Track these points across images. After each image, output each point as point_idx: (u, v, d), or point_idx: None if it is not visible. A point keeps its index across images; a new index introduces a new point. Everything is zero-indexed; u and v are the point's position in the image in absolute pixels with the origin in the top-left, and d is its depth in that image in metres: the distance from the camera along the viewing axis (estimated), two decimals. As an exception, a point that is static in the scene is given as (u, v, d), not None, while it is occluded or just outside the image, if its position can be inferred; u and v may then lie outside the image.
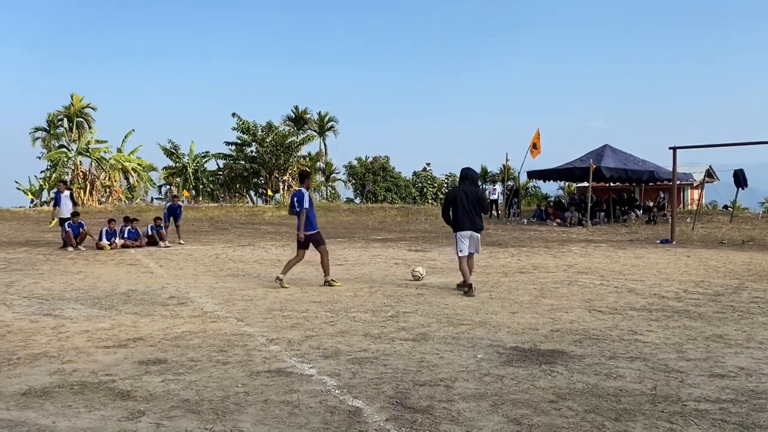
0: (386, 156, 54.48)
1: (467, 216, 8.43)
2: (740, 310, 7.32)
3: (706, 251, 14.52)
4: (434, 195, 51.92)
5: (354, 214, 31.18)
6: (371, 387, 4.49)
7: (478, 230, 8.56)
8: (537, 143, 25.32)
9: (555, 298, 8.21)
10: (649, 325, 6.51)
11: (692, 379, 4.66)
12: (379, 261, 12.59)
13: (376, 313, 7.23)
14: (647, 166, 24.77)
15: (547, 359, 5.21)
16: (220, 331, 6.33)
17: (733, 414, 3.94)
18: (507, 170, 32.86)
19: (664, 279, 9.94)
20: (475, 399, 4.23)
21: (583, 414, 3.95)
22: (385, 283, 9.60)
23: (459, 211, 8.45)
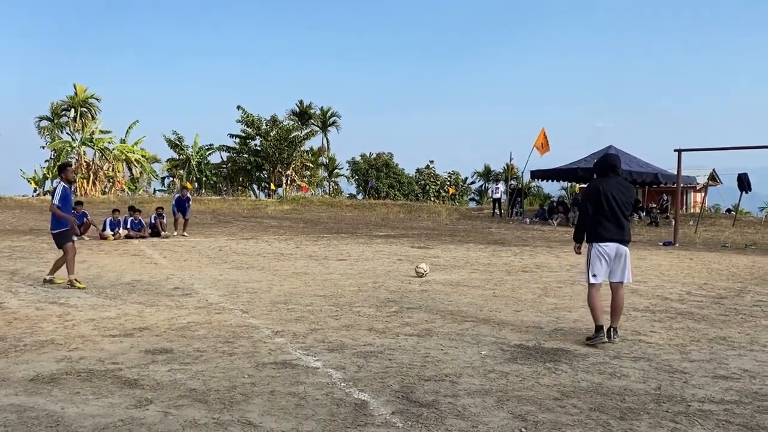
0: (390, 152, 54.57)
1: (614, 220, 5.70)
2: (743, 313, 7.34)
3: (709, 254, 14.53)
4: (437, 192, 51.94)
5: (357, 209, 31.19)
6: (377, 380, 4.51)
7: (626, 242, 5.82)
8: (544, 143, 25.35)
9: (558, 297, 8.23)
10: (652, 326, 6.53)
11: (696, 380, 4.67)
12: (382, 257, 12.61)
13: (380, 308, 7.25)
14: (650, 169, 24.76)
15: (551, 357, 5.23)
16: (225, 322, 6.36)
17: (737, 415, 3.96)
18: (510, 169, 32.85)
19: (667, 281, 9.95)
20: (480, 395, 4.25)
21: (588, 412, 3.97)
22: (388, 278, 9.62)
23: (604, 213, 5.70)
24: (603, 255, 5.72)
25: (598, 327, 5.68)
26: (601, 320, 5.69)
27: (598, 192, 5.72)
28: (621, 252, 5.74)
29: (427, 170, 55.69)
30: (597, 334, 5.65)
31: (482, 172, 61.97)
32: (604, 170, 5.93)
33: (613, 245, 5.71)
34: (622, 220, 5.74)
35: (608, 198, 5.68)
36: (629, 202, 5.83)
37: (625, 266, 5.76)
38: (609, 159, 5.99)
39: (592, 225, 5.77)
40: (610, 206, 5.69)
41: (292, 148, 45.25)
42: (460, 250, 14.43)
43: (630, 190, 5.89)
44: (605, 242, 5.70)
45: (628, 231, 5.81)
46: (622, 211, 5.73)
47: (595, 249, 5.74)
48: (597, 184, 5.79)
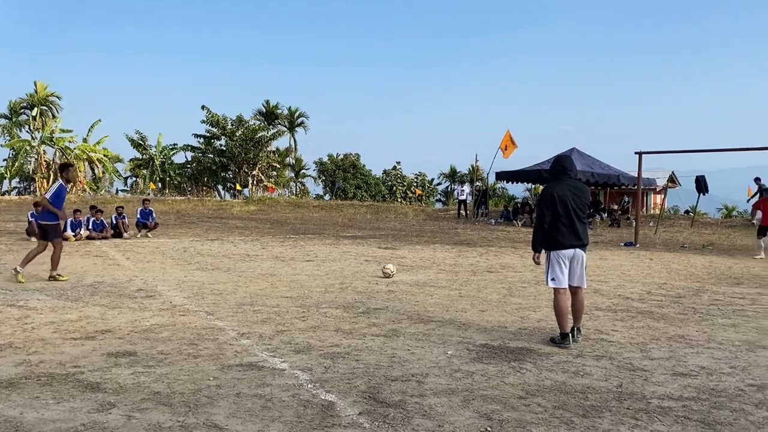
0: (357, 153, 54.62)
1: (570, 226, 5.62)
2: (701, 311, 7.54)
3: (669, 254, 14.88)
4: (404, 193, 52.12)
5: (324, 210, 31.11)
6: (344, 381, 4.52)
7: (583, 246, 5.80)
8: (509, 144, 25.64)
9: (523, 297, 8.34)
10: (614, 325, 6.66)
11: (656, 378, 4.79)
12: (349, 258, 12.61)
13: (347, 309, 7.25)
14: (612, 171, 25.26)
15: (516, 356, 5.30)
16: (190, 324, 6.28)
17: (695, 411, 4.07)
18: (476, 171, 33.16)
19: (628, 281, 10.17)
20: (446, 394, 4.29)
21: (552, 410, 4.04)
22: (355, 279, 9.62)
23: (561, 219, 5.62)
24: (561, 260, 5.67)
25: (564, 334, 5.70)
26: (567, 328, 5.70)
27: (552, 198, 5.63)
28: (578, 256, 5.73)
29: (394, 171, 55.87)
30: (563, 340, 5.69)
31: (448, 174, 62.44)
32: (556, 174, 5.84)
33: (571, 251, 5.67)
34: (578, 225, 5.67)
35: (563, 203, 5.60)
36: (585, 205, 5.77)
37: (582, 271, 5.76)
38: (560, 162, 5.89)
39: (549, 232, 5.67)
40: (565, 211, 5.61)
41: (258, 149, 44.93)
42: (426, 250, 14.50)
43: (584, 193, 5.80)
44: (563, 249, 5.65)
45: (585, 234, 5.77)
46: (577, 214, 5.66)
47: (554, 255, 5.69)
48: (550, 190, 5.69)
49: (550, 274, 5.74)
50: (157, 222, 17.40)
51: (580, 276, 5.77)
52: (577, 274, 5.75)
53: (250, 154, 44.12)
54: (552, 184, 5.80)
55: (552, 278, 5.71)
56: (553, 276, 5.70)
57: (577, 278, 5.76)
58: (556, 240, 5.67)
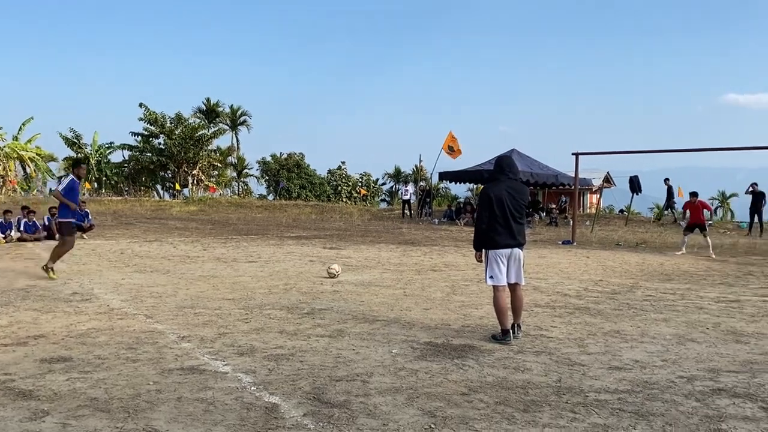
0: (301, 153, 54.20)
1: (506, 226, 5.76)
2: (635, 307, 7.83)
3: (604, 252, 15.38)
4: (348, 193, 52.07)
5: (267, 210, 30.75)
6: (288, 383, 4.49)
7: (520, 245, 5.95)
8: (453, 146, 25.94)
9: (466, 295, 8.47)
10: (553, 321, 6.85)
11: (593, 372, 4.95)
12: (293, 258, 12.51)
13: (291, 310, 7.20)
14: (550, 171, 25.92)
15: (459, 354, 5.39)
16: (128, 328, 6.11)
17: (629, 403, 4.23)
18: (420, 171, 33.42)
19: (566, 278, 10.46)
20: (390, 393, 4.32)
21: (494, 406, 4.12)
22: (300, 280, 9.56)
23: (497, 219, 5.76)
24: (499, 259, 5.81)
25: (505, 330, 5.83)
26: (507, 324, 5.84)
27: (489, 199, 5.77)
28: (516, 255, 5.87)
29: (338, 171, 55.73)
30: (504, 337, 5.82)
31: (393, 174, 62.73)
32: (494, 175, 6.00)
33: (508, 251, 5.82)
34: (514, 225, 5.79)
35: (500, 203, 5.74)
36: (522, 205, 5.89)
37: (519, 268, 5.91)
38: (499, 163, 6.03)
39: (487, 232, 5.81)
40: (502, 212, 5.74)
41: (199, 147, 43.98)
42: (371, 250, 14.54)
43: (522, 193, 5.92)
44: (500, 249, 5.80)
45: (521, 234, 5.91)
46: (513, 215, 5.79)
47: (492, 254, 5.84)
48: (487, 191, 5.83)
49: (488, 272, 5.88)
50: (92, 223, 16.85)
51: (518, 273, 5.91)
52: (514, 271, 5.89)
53: (190, 153, 43.14)
54: (490, 185, 5.94)
55: (491, 276, 5.85)
56: (492, 274, 5.84)
57: (515, 275, 5.90)
58: (493, 240, 5.81)
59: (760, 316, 7.32)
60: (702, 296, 8.75)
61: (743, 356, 5.51)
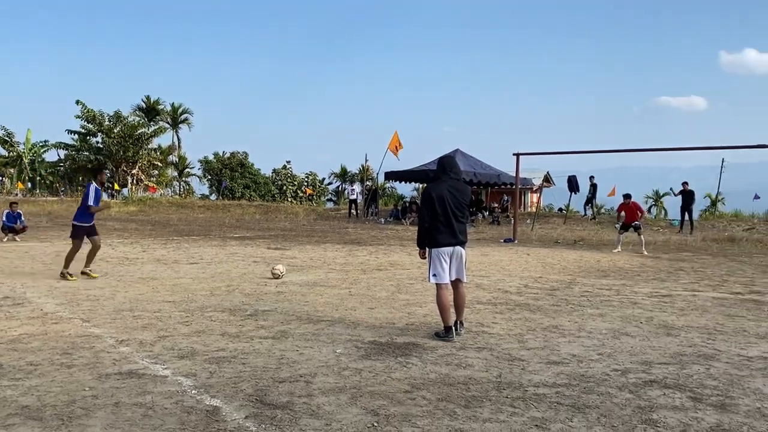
0: (245, 152, 53.50)
1: (448, 225, 5.86)
2: (572, 303, 8.07)
3: (544, 250, 15.78)
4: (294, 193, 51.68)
5: (209, 211, 30.23)
6: (230, 386, 4.43)
7: (462, 243, 6.04)
8: (399, 145, 26.12)
9: (410, 293, 8.54)
10: (494, 318, 6.98)
11: (532, 367, 5.08)
12: (236, 259, 12.35)
13: (234, 312, 7.11)
14: (493, 171, 26.41)
15: (402, 352, 5.43)
16: (63, 333, 5.91)
17: (566, 397, 4.36)
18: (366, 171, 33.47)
19: (507, 275, 10.68)
20: (334, 393, 4.32)
21: (436, 402, 4.18)
22: (243, 281, 9.44)
23: (439, 218, 5.85)
24: (442, 257, 5.89)
25: (447, 327, 5.92)
26: (449, 321, 5.93)
27: (430, 198, 5.86)
28: (458, 253, 5.96)
29: (284, 170, 55.25)
30: (447, 334, 5.91)
31: (339, 173, 62.62)
32: (437, 175, 6.09)
33: (450, 249, 5.91)
34: (456, 224, 5.88)
35: (441, 203, 5.83)
36: (463, 204, 5.97)
37: (461, 266, 6.00)
38: (441, 163, 6.11)
39: (429, 231, 5.90)
40: (444, 211, 5.83)
41: (138, 146, 42.85)
42: (317, 250, 14.49)
43: (464, 192, 6.01)
44: (443, 247, 5.88)
45: (463, 232, 5.99)
46: (455, 214, 5.87)
47: (434, 252, 5.91)
48: (429, 191, 5.93)
49: (431, 270, 5.96)
50: (26, 225, 16.20)
51: (460, 271, 6.01)
52: (456, 269, 5.98)
53: (129, 152, 41.98)
54: (432, 184, 6.04)
55: (434, 274, 5.94)
56: (435, 272, 5.93)
57: (457, 273, 6.00)
58: (435, 239, 5.90)
59: (690, 310, 7.66)
60: (636, 292, 9.08)
61: (674, 349, 5.75)
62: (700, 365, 5.19)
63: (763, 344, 5.96)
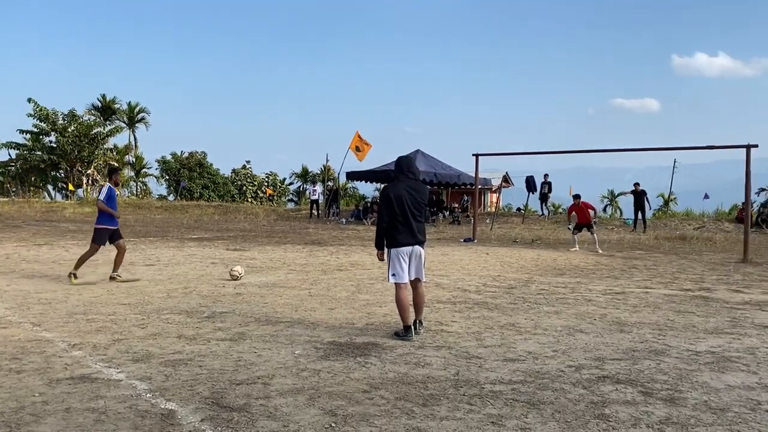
0: (203, 152, 52.73)
1: (406, 225, 5.90)
2: (529, 301, 8.20)
3: (502, 249, 15.99)
4: (254, 193, 51.20)
5: (167, 211, 29.74)
6: (185, 389, 4.37)
7: (420, 243, 6.09)
8: (360, 146, 26.04)
9: (371, 293, 8.56)
10: (453, 317, 7.05)
11: (489, 364, 5.14)
12: (194, 261, 12.17)
13: (191, 314, 7.01)
14: (453, 171, 26.64)
15: (362, 352, 5.44)
16: (12, 337, 5.74)
17: (522, 393, 4.43)
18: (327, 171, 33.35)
19: (466, 274, 10.79)
20: (292, 394, 4.30)
21: (394, 401, 4.20)
22: (201, 283, 9.32)
23: (397, 218, 5.89)
24: (401, 257, 5.94)
25: (407, 327, 5.96)
26: (409, 321, 5.97)
27: (388, 199, 5.91)
28: (417, 252, 6.00)
29: (243, 170, 54.66)
30: (406, 333, 5.94)
31: (300, 173, 62.26)
32: (395, 175, 6.16)
33: (409, 248, 5.95)
34: (414, 223, 5.94)
35: (400, 203, 5.87)
36: (422, 204, 6.04)
37: (420, 265, 6.05)
38: (398, 164, 6.17)
39: (388, 231, 5.95)
40: (402, 211, 5.88)
41: (94, 146, 41.82)
42: (277, 251, 14.39)
43: (421, 192, 6.07)
44: (402, 247, 5.92)
45: (422, 232, 6.05)
46: (413, 214, 5.93)
47: (394, 252, 5.96)
48: (387, 191, 5.98)
49: (391, 270, 6.00)
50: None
51: (419, 270, 6.06)
52: (415, 268, 6.03)
53: (85, 152, 40.94)
54: (390, 185, 6.09)
55: (393, 274, 5.98)
56: (394, 272, 5.97)
57: (416, 272, 6.05)
58: (395, 239, 5.94)
59: (642, 307, 7.86)
60: (591, 289, 9.28)
61: (626, 344, 5.90)
62: (651, 360, 5.34)
63: (711, 339, 6.16)
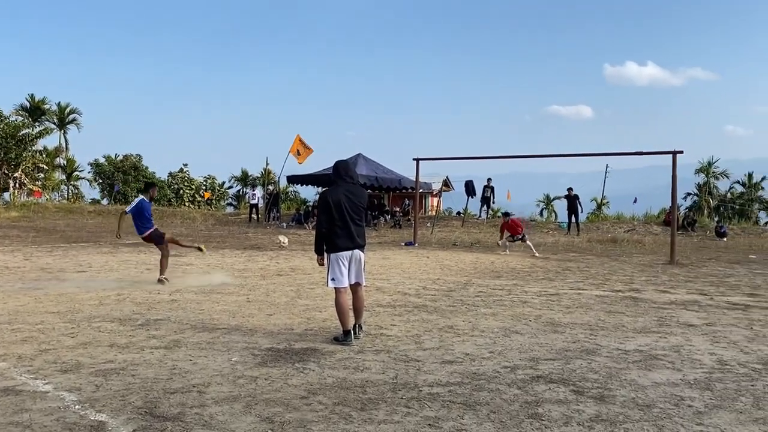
0: (138, 155, 51.27)
1: (345, 229, 5.90)
2: (468, 303, 8.33)
3: (443, 252, 16.19)
4: (191, 197, 50.12)
5: (100, 216, 28.76)
6: (117, 399, 4.24)
7: (360, 247, 6.08)
8: (301, 150, 25.83)
9: (310, 298, 8.51)
10: (393, 320, 7.09)
11: (427, 367, 5.20)
12: (129, 266, 11.83)
13: (124, 322, 6.81)
14: (394, 175, 26.80)
15: (300, 357, 5.41)
16: (-72, 350, 5.44)
17: (459, 395, 4.49)
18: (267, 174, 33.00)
19: (407, 277, 10.88)
20: (228, 402, 4.24)
21: (332, 407, 4.19)
22: (135, 289, 9.06)
23: (336, 223, 5.89)
24: (340, 261, 5.93)
25: (346, 331, 5.96)
26: (348, 325, 5.98)
27: (327, 203, 5.91)
28: (356, 256, 6.01)
29: (180, 174, 53.40)
30: (345, 337, 5.94)
31: (240, 177, 61.30)
32: (333, 179, 6.16)
33: (348, 252, 5.95)
34: (353, 227, 5.94)
35: (338, 207, 5.87)
36: (361, 208, 6.04)
37: (360, 269, 6.06)
38: (336, 168, 6.16)
39: (328, 236, 5.94)
40: (340, 215, 5.88)
41: (21, 148, 40.02)
42: (215, 256, 14.13)
43: (360, 196, 6.08)
44: (341, 251, 5.92)
45: (361, 236, 6.05)
46: (352, 217, 5.93)
47: (333, 257, 5.95)
48: (326, 196, 5.98)
49: (330, 274, 5.99)
50: None
51: (359, 274, 6.07)
52: (355, 272, 6.04)
53: (12, 154, 39.12)
54: (329, 189, 6.10)
55: (332, 278, 5.96)
56: (333, 276, 5.96)
57: (356, 276, 6.06)
58: (334, 243, 5.94)
59: (575, 308, 8.11)
60: (526, 291, 9.51)
61: (559, 345, 6.07)
62: (583, 360, 5.51)
63: (639, 338, 6.41)
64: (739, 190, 52.12)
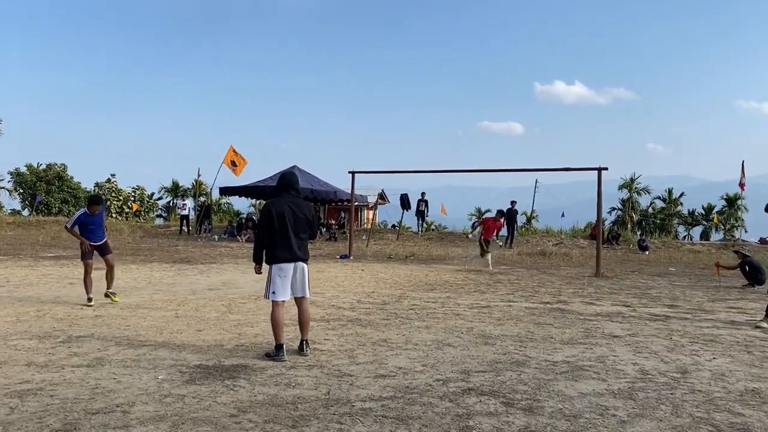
0: (63, 164, 49.24)
1: (286, 240, 5.85)
2: (401, 316, 8.37)
3: (378, 265, 16.22)
4: (119, 209, 48.48)
5: (21, 228, 27.40)
6: (33, 421, 4.03)
7: (302, 260, 6.01)
8: (236, 161, 25.37)
9: (242, 313, 8.35)
10: (326, 334, 7.04)
11: (360, 381, 5.18)
12: (50, 281, 11.29)
13: (43, 339, 6.48)
14: (330, 188, 26.74)
15: (230, 374, 5.29)
16: None
17: (391, 409, 4.49)
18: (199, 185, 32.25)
19: (341, 291, 10.83)
20: (153, 422, 4.09)
21: (263, 424, 4.11)
22: (56, 305, 8.65)
23: (278, 235, 5.85)
24: (281, 273, 5.87)
25: (279, 345, 5.88)
26: (281, 339, 5.90)
27: (270, 214, 5.87)
28: (298, 269, 5.95)
29: (107, 184, 51.55)
30: (277, 352, 5.85)
31: (170, 188, 59.74)
32: (278, 191, 6.10)
33: (290, 265, 5.90)
34: (295, 240, 5.90)
35: (281, 219, 5.85)
36: (304, 220, 6.00)
37: (304, 281, 6.00)
38: (282, 179, 6.12)
39: (269, 247, 5.90)
40: (283, 227, 5.85)
41: (-67, 155, 37.83)
42: (142, 270, 13.67)
43: (304, 209, 6.04)
44: (282, 263, 5.87)
45: (304, 248, 6.03)
46: (295, 230, 5.91)
47: (274, 269, 5.89)
48: (268, 207, 5.94)
49: (270, 287, 5.92)
50: None
51: (302, 286, 6.00)
52: (298, 285, 5.98)
53: None
54: (272, 200, 6.04)
55: (273, 291, 5.90)
56: (274, 289, 5.89)
57: (300, 289, 6.00)
58: (275, 255, 5.89)
59: (506, 320, 8.27)
60: (459, 303, 9.64)
61: (490, 357, 6.17)
62: (513, 371, 5.62)
63: (566, 349, 6.59)
64: (659, 206, 54.68)
